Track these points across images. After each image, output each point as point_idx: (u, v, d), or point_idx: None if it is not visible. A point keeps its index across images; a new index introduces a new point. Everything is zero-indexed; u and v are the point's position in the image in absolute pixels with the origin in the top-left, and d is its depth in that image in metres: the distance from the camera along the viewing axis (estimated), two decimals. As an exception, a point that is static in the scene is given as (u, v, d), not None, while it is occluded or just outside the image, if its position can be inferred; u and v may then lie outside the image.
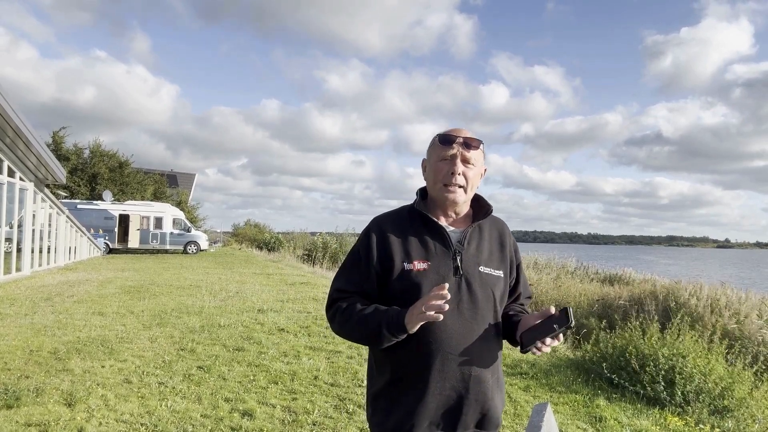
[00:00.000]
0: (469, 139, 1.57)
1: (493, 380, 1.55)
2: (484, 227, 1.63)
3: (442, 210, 1.61)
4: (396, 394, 1.51)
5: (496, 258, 1.61)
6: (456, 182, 1.55)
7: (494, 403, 1.54)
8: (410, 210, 1.62)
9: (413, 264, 1.51)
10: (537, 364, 5.54)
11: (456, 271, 1.52)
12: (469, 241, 1.57)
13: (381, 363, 1.56)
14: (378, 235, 1.58)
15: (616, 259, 24.86)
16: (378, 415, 1.54)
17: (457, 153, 1.55)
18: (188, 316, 7.58)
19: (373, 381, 1.59)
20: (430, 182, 1.62)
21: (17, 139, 10.97)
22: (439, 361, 1.47)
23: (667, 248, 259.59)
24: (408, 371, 1.49)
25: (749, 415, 4.27)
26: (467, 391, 1.48)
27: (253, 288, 11.54)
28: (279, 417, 3.80)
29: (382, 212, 1.68)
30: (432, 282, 1.48)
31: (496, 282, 1.57)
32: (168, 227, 26.66)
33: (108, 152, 31.91)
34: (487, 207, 1.65)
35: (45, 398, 3.93)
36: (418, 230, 1.57)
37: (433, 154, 1.61)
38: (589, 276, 14.93)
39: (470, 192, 1.60)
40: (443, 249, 1.54)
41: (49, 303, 8.44)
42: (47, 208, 15.65)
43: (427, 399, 1.47)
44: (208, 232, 37.92)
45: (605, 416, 4.10)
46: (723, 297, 7.50)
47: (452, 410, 1.49)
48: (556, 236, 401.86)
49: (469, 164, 1.56)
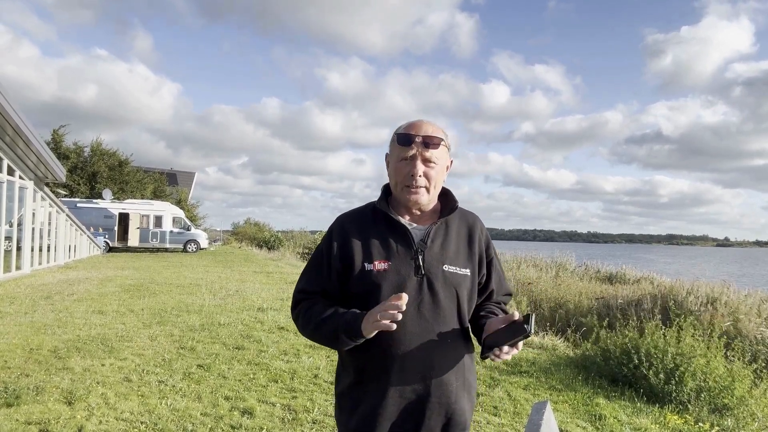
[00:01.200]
0: (429, 138, 1.48)
1: (459, 383, 1.49)
2: (452, 223, 1.57)
3: (405, 208, 1.56)
4: (359, 395, 1.48)
5: (463, 255, 1.55)
6: (417, 184, 1.49)
7: (459, 406, 1.49)
8: (373, 208, 1.57)
9: (374, 264, 1.47)
10: (537, 363, 5.55)
11: (417, 270, 1.47)
12: (433, 238, 1.52)
13: (346, 364, 1.55)
14: (339, 235, 1.54)
15: (615, 258, 24.86)
16: (343, 414, 1.52)
17: (417, 153, 1.48)
18: (188, 315, 7.58)
19: (340, 381, 1.57)
20: (392, 182, 1.56)
21: (17, 137, 10.96)
22: (399, 363, 1.43)
23: (667, 247, 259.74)
24: (369, 373, 1.47)
25: (749, 414, 4.27)
26: (429, 394, 1.44)
27: (253, 286, 11.54)
28: (279, 415, 3.80)
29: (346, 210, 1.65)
30: (392, 282, 1.45)
31: (462, 281, 1.51)
32: (168, 226, 26.65)
33: (108, 151, 31.90)
34: (453, 202, 1.60)
35: (45, 397, 3.93)
36: (381, 229, 1.53)
37: (393, 154, 1.55)
38: (589, 274, 14.93)
39: (434, 191, 1.54)
40: (405, 248, 1.49)
41: (49, 301, 8.44)
42: (47, 206, 15.65)
43: (387, 401, 1.44)
44: (208, 230, 37.92)
45: (605, 414, 4.11)
46: (722, 295, 7.50)
47: (414, 413, 1.45)
48: (556, 235, 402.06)
49: (430, 163, 1.50)
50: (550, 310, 9.76)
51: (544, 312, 9.84)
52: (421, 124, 1.53)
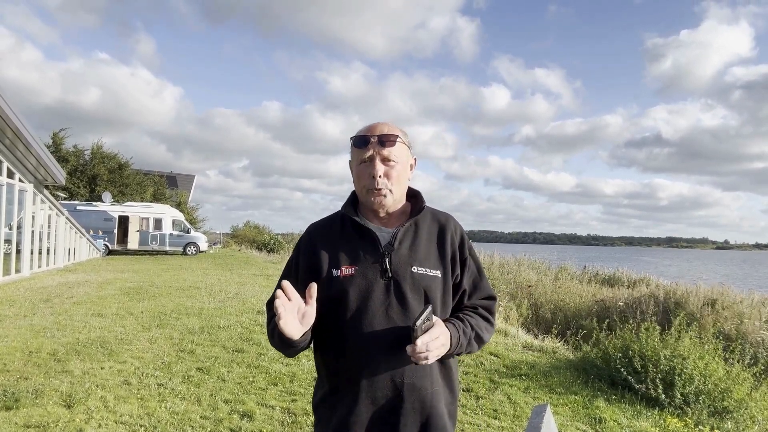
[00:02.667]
0: (384, 136, 1.46)
1: (435, 389, 1.46)
2: (422, 224, 1.54)
3: (372, 211, 1.54)
4: (333, 404, 1.46)
5: (434, 256, 1.51)
6: (378, 185, 1.47)
7: (436, 411, 1.45)
8: (342, 215, 1.56)
9: (341, 270, 1.45)
10: (536, 366, 5.54)
11: (384, 273, 1.44)
12: (402, 240, 1.49)
13: (320, 372, 1.53)
14: (307, 243, 1.54)
15: (615, 261, 24.86)
16: (319, 426, 1.50)
17: (375, 153, 1.46)
18: (187, 318, 7.57)
19: (316, 392, 1.56)
20: (357, 187, 1.54)
21: (17, 140, 10.97)
22: (368, 370, 1.40)
23: (666, 249, 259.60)
24: (340, 380, 1.45)
25: (748, 417, 4.27)
26: (402, 400, 1.41)
27: (252, 289, 11.54)
28: (278, 418, 3.80)
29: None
30: (359, 287, 1.43)
31: (431, 282, 1.47)
32: (167, 228, 26.65)
33: (108, 154, 31.92)
34: (421, 203, 1.57)
35: (44, 400, 3.93)
36: (348, 235, 1.51)
37: (354, 158, 1.53)
38: (589, 277, 14.93)
39: (398, 191, 1.51)
40: (372, 252, 1.47)
41: (48, 304, 8.44)
42: (47, 209, 15.65)
43: (359, 408, 1.41)
44: (208, 233, 37.92)
45: (605, 417, 4.10)
46: (720, 297, 7.51)
47: (388, 420, 1.42)
48: (556, 237, 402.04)
49: (389, 162, 1.47)
50: (550, 313, 9.76)
51: (544, 315, 9.84)
52: (376, 125, 1.52)
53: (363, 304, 1.42)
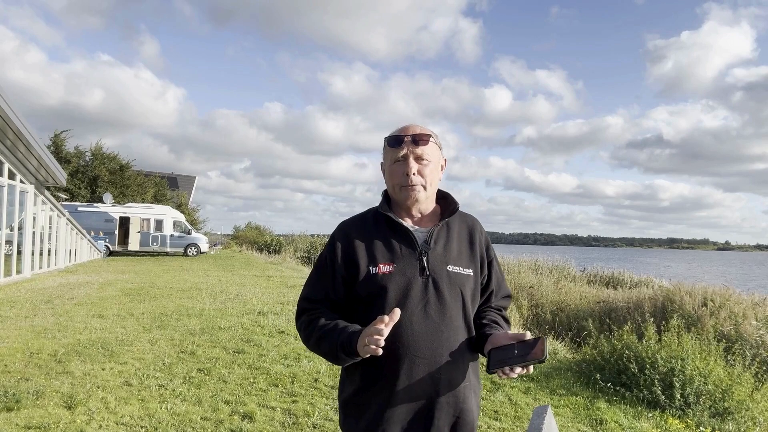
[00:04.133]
0: (418, 136, 1.52)
1: (467, 383, 1.50)
2: (453, 225, 1.60)
3: (406, 211, 1.58)
4: (365, 400, 1.48)
5: (466, 256, 1.57)
6: (412, 182, 1.51)
7: (468, 406, 1.49)
8: (375, 213, 1.59)
9: (378, 267, 1.48)
10: (537, 367, 5.54)
11: (422, 271, 1.49)
12: (436, 240, 1.54)
13: (351, 369, 1.53)
14: (343, 240, 1.55)
15: (615, 261, 24.82)
16: (349, 420, 1.52)
17: (408, 152, 1.52)
18: (188, 319, 7.57)
19: (344, 387, 1.56)
20: (389, 186, 1.59)
21: (18, 141, 10.99)
22: (407, 365, 1.43)
23: (667, 250, 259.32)
24: (376, 376, 1.46)
25: (749, 418, 4.26)
26: (438, 395, 1.45)
27: (253, 290, 11.54)
28: (279, 420, 3.80)
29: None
30: (398, 284, 1.46)
31: (466, 281, 1.53)
32: (168, 230, 26.67)
33: (109, 155, 31.96)
34: (454, 204, 1.62)
35: (45, 401, 3.93)
36: (384, 233, 1.54)
37: (387, 158, 1.58)
38: (590, 278, 14.92)
39: (430, 188, 1.56)
40: (409, 250, 1.51)
41: (49, 305, 8.44)
42: (48, 210, 15.67)
43: (396, 403, 1.44)
44: (209, 234, 37.93)
45: (606, 419, 4.10)
46: (718, 298, 7.49)
47: (423, 415, 1.45)
48: (557, 238, 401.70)
49: (422, 161, 1.52)
50: (551, 314, 9.75)
51: (545, 316, 9.83)
52: (409, 126, 1.57)
53: (402, 301, 1.45)
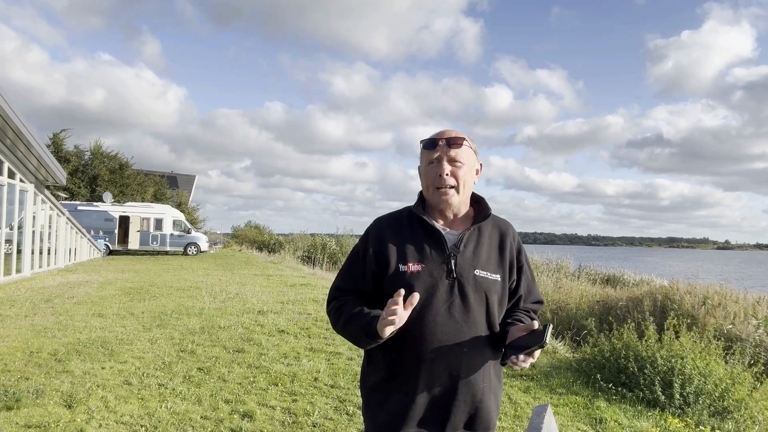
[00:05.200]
0: (452, 139, 1.57)
1: (486, 385, 1.54)
2: (485, 229, 1.62)
3: (439, 212, 1.62)
4: (388, 391, 1.54)
5: (495, 261, 1.60)
6: (445, 184, 1.55)
7: (484, 404, 1.54)
8: (409, 212, 1.64)
9: (407, 266, 1.53)
10: (537, 366, 5.54)
11: (449, 274, 1.52)
12: (466, 243, 1.57)
13: (375, 360, 1.60)
14: (376, 236, 1.61)
15: (615, 260, 24.84)
16: (371, 409, 1.58)
17: (443, 154, 1.56)
18: (188, 318, 7.57)
19: (368, 377, 1.62)
20: (424, 188, 1.64)
21: (18, 140, 10.98)
22: (429, 362, 1.49)
23: (667, 249, 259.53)
24: (399, 370, 1.52)
25: (749, 417, 4.26)
26: (456, 392, 1.50)
27: (253, 289, 11.53)
28: (279, 418, 3.80)
29: (383, 213, 1.72)
30: (424, 284, 1.50)
31: (492, 286, 1.56)
32: (168, 229, 26.67)
33: (108, 154, 31.95)
34: (487, 209, 1.65)
35: (45, 400, 3.93)
36: (416, 233, 1.58)
37: (423, 160, 1.63)
38: (590, 277, 14.93)
39: (464, 191, 1.59)
40: (438, 252, 1.55)
41: (49, 304, 8.44)
42: (47, 209, 15.66)
43: (417, 398, 1.50)
44: (208, 233, 37.93)
45: (605, 418, 4.10)
46: (717, 297, 7.49)
47: (441, 410, 1.51)
48: (557, 237, 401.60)
49: (456, 163, 1.56)
50: (551, 313, 9.75)
51: (545, 314, 9.84)
52: (445, 130, 1.62)
53: (428, 300, 1.49)
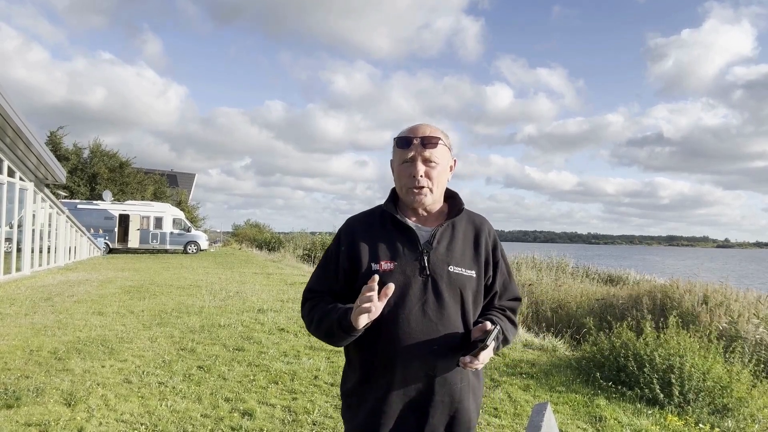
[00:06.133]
0: (427, 138, 1.51)
1: (464, 384, 1.52)
2: (459, 225, 1.59)
3: (411, 210, 1.59)
4: (364, 393, 1.52)
5: (469, 257, 1.57)
6: (419, 185, 1.52)
7: (464, 405, 1.51)
8: (382, 211, 1.61)
9: (380, 264, 1.50)
10: (537, 364, 5.55)
11: (422, 271, 1.50)
12: (439, 240, 1.54)
13: (353, 362, 1.58)
14: (348, 235, 1.58)
15: (615, 259, 24.83)
16: (349, 411, 1.56)
17: (417, 154, 1.51)
18: (188, 316, 7.58)
19: (346, 379, 1.61)
20: (397, 186, 1.60)
21: (17, 139, 10.97)
22: (402, 362, 1.46)
23: (667, 248, 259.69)
24: (374, 371, 1.50)
25: (748, 415, 4.27)
26: (432, 392, 1.48)
27: (253, 288, 11.54)
28: (279, 417, 3.80)
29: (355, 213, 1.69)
30: (398, 282, 1.47)
31: (467, 282, 1.53)
32: (168, 227, 26.67)
33: (108, 152, 31.93)
34: (460, 204, 1.62)
35: (45, 398, 3.93)
36: (388, 231, 1.56)
37: (395, 158, 1.58)
38: (590, 276, 14.92)
39: (438, 191, 1.56)
40: (411, 249, 1.52)
41: (49, 303, 8.44)
42: (47, 208, 15.65)
43: (391, 399, 1.47)
44: (208, 232, 37.92)
45: (605, 416, 4.10)
46: (715, 295, 7.49)
47: (418, 411, 1.48)
48: (556, 236, 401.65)
49: (431, 163, 1.52)
50: (551, 311, 9.76)
51: (545, 313, 9.84)
52: (419, 126, 1.56)
53: (401, 299, 1.47)
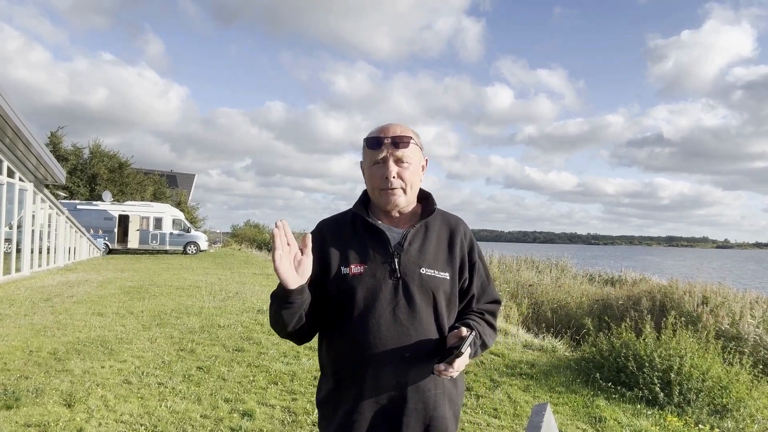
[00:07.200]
0: (398, 138, 1.47)
1: (439, 391, 1.45)
2: (432, 226, 1.55)
3: (383, 211, 1.54)
4: (337, 401, 1.47)
5: (443, 259, 1.51)
6: (392, 185, 1.47)
7: (439, 413, 1.44)
8: (353, 214, 1.57)
9: (350, 267, 1.46)
10: (537, 365, 5.54)
11: (392, 273, 1.45)
12: (411, 241, 1.49)
13: (324, 369, 1.54)
14: (318, 239, 1.52)
15: (615, 259, 24.83)
16: (323, 421, 1.51)
17: (388, 154, 1.47)
18: (188, 317, 7.58)
19: (320, 388, 1.56)
20: (368, 187, 1.55)
21: (17, 139, 10.97)
22: (373, 368, 1.41)
23: (667, 248, 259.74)
24: (345, 379, 1.46)
25: (748, 415, 4.27)
26: (405, 400, 1.42)
27: (252, 288, 11.54)
28: (279, 417, 3.80)
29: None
30: (367, 286, 1.43)
31: (440, 284, 1.47)
32: (167, 228, 26.66)
33: (107, 153, 31.92)
34: (433, 205, 1.57)
35: (44, 399, 3.93)
36: (358, 233, 1.52)
37: (365, 159, 1.54)
38: (589, 276, 14.92)
39: (411, 191, 1.52)
40: (381, 251, 1.48)
41: (48, 303, 8.44)
42: (47, 208, 15.65)
43: (363, 407, 1.42)
44: (208, 232, 37.91)
45: (605, 416, 4.10)
46: (713, 296, 7.49)
47: (390, 419, 1.42)
48: (556, 236, 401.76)
49: (403, 163, 1.48)
50: (551, 312, 9.76)
51: (545, 313, 9.84)
52: (389, 126, 1.52)
53: (371, 303, 1.43)
